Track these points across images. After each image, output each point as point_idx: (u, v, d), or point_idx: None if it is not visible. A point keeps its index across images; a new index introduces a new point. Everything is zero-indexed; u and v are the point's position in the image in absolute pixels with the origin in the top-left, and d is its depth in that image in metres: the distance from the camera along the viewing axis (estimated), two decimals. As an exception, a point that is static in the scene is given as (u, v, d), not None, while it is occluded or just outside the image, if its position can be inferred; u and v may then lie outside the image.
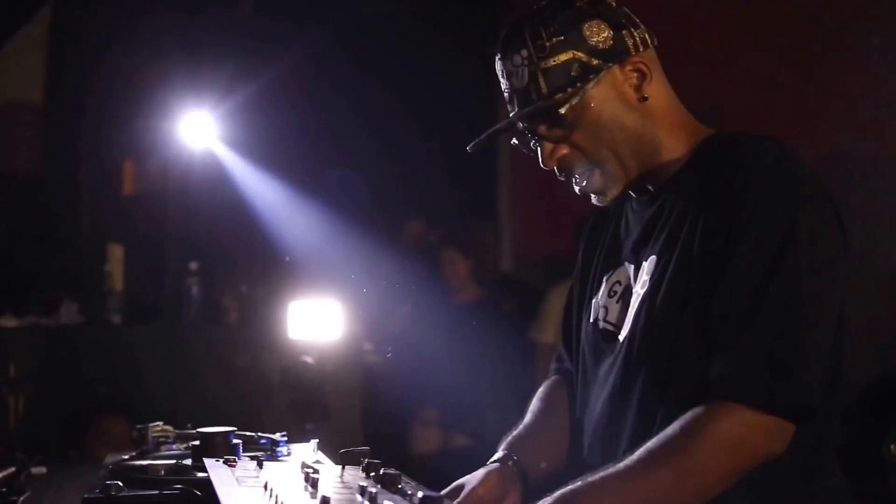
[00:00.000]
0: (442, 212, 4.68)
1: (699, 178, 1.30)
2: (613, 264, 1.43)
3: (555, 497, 1.19)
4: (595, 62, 1.32)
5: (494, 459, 1.44)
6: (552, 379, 1.60)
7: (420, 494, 1.17)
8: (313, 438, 1.55)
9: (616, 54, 1.32)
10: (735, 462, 1.18)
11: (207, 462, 1.40)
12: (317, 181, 4.27)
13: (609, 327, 1.40)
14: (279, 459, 1.48)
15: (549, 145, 1.37)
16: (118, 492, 1.36)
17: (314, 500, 1.18)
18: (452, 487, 1.40)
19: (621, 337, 1.36)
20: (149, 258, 4.47)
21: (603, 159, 1.35)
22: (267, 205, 4.23)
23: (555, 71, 1.32)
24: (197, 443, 1.49)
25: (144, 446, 1.67)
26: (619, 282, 1.40)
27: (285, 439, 1.53)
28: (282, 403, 3.80)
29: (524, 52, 1.33)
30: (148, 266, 4.45)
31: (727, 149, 1.30)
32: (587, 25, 1.32)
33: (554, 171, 1.40)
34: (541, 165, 1.39)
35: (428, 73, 4.72)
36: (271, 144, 4.34)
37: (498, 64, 1.38)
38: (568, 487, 1.20)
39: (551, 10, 1.34)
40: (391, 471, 1.26)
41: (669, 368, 1.26)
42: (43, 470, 1.79)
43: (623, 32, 1.33)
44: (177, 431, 1.72)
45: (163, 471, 1.45)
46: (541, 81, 1.32)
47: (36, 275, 4.29)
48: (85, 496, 1.35)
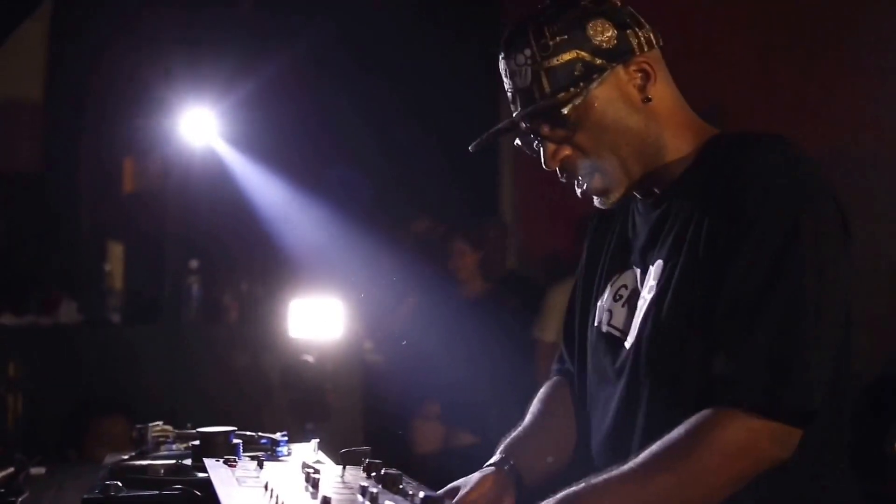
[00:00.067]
0: (444, 210, 4.66)
1: (704, 180, 1.29)
2: (619, 267, 1.42)
3: (557, 499, 1.19)
4: (599, 62, 1.30)
5: (491, 463, 1.43)
6: (553, 380, 1.60)
7: (421, 495, 1.17)
8: (314, 438, 1.55)
9: (620, 54, 1.31)
10: (739, 467, 1.17)
11: (207, 462, 1.40)
12: (318, 179, 4.26)
13: (614, 332, 1.39)
14: (279, 459, 1.47)
15: (552, 146, 1.36)
16: (118, 492, 1.35)
17: (315, 501, 1.18)
18: (447, 490, 1.39)
19: (627, 343, 1.35)
20: (149, 256, 4.47)
21: (605, 161, 1.34)
22: (268, 203, 4.21)
23: (558, 70, 1.30)
24: (197, 443, 1.49)
25: (144, 446, 1.66)
26: (626, 285, 1.39)
27: (286, 439, 1.53)
28: (282, 403, 3.80)
29: (527, 52, 1.31)
30: (148, 264, 4.44)
31: (731, 149, 1.29)
32: (591, 25, 1.30)
33: (556, 172, 1.39)
34: (543, 166, 1.38)
35: (430, 71, 4.71)
36: (272, 142, 4.32)
37: (501, 63, 1.37)
38: (570, 489, 1.19)
39: (555, 9, 1.32)
40: (392, 471, 1.26)
41: (677, 375, 1.25)
42: (42, 470, 1.79)
43: (627, 32, 1.32)
44: (176, 431, 1.72)
45: (162, 471, 1.44)
46: (544, 81, 1.31)
47: (35, 273, 4.28)
48: (84, 497, 1.35)
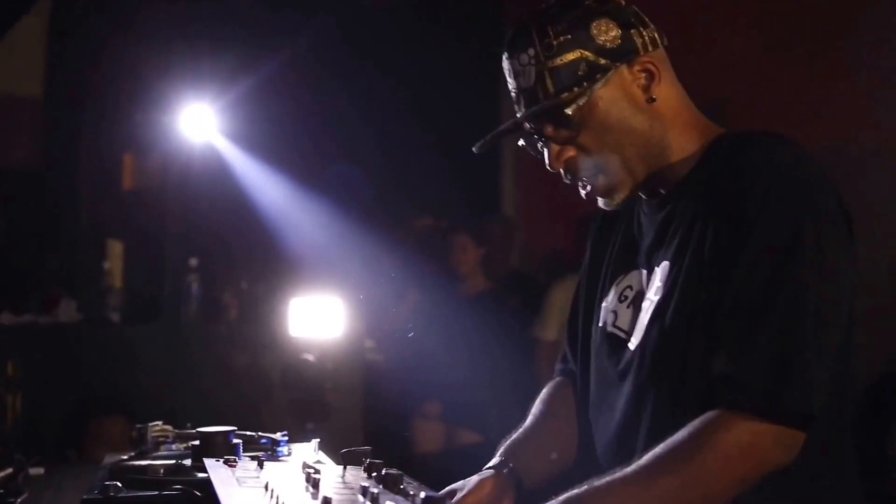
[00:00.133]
0: (444, 208, 4.66)
1: (709, 181, 1.28)
2: (624, 268, 1.41)
3: (559, 501, 1.18)
4: (603, 62, 1.29)
5: (490, 466, 1.42)
6: (556, 380, 1.59)
7: (422, 495, 1.17)
8: (314, 438, 1.54)
9: (624, 54, 1.30)
10: (742, 470, 1.17)
11: (207, 462, 1.40)
12: (318, 177, 4.25)
13: (619, 333, 1.38)
14: (280, 459, 1.48)
15: (556, 147, 1.35)
16: (117, 493, 1.35)
17: (315, 501, 1.18)
18: (446, 492, 1.38)
19: (632, 345, 1.34)
20: (148, 254, 4.45)
21: (609, 162, 1.33)
22: (268, 200, 4.20)
23: (562, 70, 1.29)
24: (197, 443, 1.49)
25: (144, 446, 1.66)
26: (631, 286, 1.38)
27: (286, 439, 1.52)
28: (282, 402, 3.79)
29: (531, 51, 1.31)
30: (147, 263, 4.43)
31: (735, 149, 1.28)
32: (595, 24, 1.29)
33: (560, 173, 1.38)
34: (547, 167, 1.37)
35: (430, 68, 4.70)
36: (272, 139, 4.31)
37: (505, 63, 1.36)
38: (573, 492, 1.19)
39: (559, 9, 1.31)
40: (393, 471, 1.26)
41: (682, 377, 1.24)
42: (41, 471, 1.79)
43: (632, 31, 1.31)
44: (176, 431, 1.71)
45: (162, 471, 1.44)
46: (547, 81, 1.30)
47: (34, 272, 4.27)
48: (84, 497, 1.34)
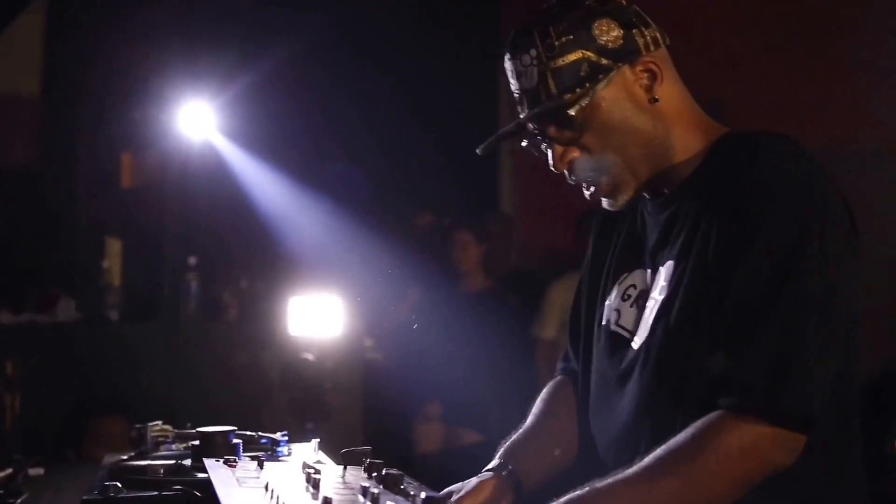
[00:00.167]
0: (443, 206, 4.65)
1: (714, 181, 1.28)
2: (628, 267, 1.41)
3: (561, 502, 1.18)
4: (605, 62, 1.29)
5: (489, 468, 1.42)
6: (557, 379, 1.58)
7: (423, 495, 1.16)
8: (314, 438, 1.54)
9: (626, 54, 1.30)
10: (743, 472, 1.17)
11: (207, 462, 1.39)
12: (317, 175, 4.24)
13: (622, 332, 1.38)
14: (280, 459, 1.47)
15: (560, 148, 1.34)
16: (117, 493, 1.35)
17: (316, 501, 1.18)
18: (446, 493, 1.38)
19: (636, 344, 1.34)
20: (147, 253, 4.44)
21: (613, 162, 1.33)
22: (267, 198, 4.19)
23: (564, 71, 1.29)
24: (197, 443, 1.48)
25: (143, 446, 1.65)
26: (634, 285, 1.38)
27: (286, 439, 1.52)
28: (282, 402, 3.78)
29: (533, 52, 1.30)
30: (146, 261, 4.42)
31: (739, 149, 1.27)
32: (597, 24, 1.29)
33: (564, 174, 1.37)
34: (551, 168, 1.37)
35: (429, 67, 4.70)
36: (271, 136, 4.30)
37: (507, 64, 1.35)
38: (575, 493, 1.19)
39: (560, 9, 1.31)
40: (393, 471, 1.26)
41: (686, 377, 1.24)
42: (40, 471, 1.78)
43: (633, 31, 1.30)
44: (176, 431, 1.71)
45: (162, 471, 1.43)
46: (550, 82, 1.30)
47: (33, 271, 4.26)
48: (84, 498, 1.34)
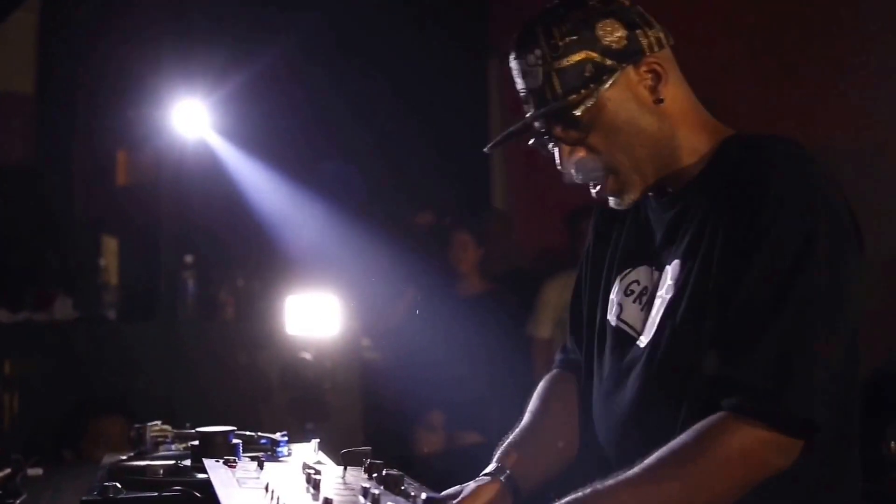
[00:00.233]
0: (436, 204, 4.65)
1: (720, 182, 1.28)
2: (631, 263, 1.41)
3: (562, 503, 1.18)
4: (609, 62, 1.29)
5: (487, 472, 1.41)
6: (553, 373, 1.58)
7: (423, 496, 1.16)
8: (314, 438, 1.54)
9: (630, 55, 1.30)
10: (743, 474, 1.17)
11: (207, 463, 1.39)
12: (312, 173, 4.24)
13: (625, 327, 1.38)
14: (280, 460, 1.47)
15: (567, 148, 1.35)
16: (116, 494, 1.34)
17: (316, 502, 1.17)
18: (444, 495, 1.37)
19: (641, 342, 1.34)
20: (143, 251, 4.43)
21: (619, 162, 1.33)
22: (262, 196, 4.19)
23: (568, 71, 1.29)
24: (196, 443, 1.48)
25: (142, 446, 1.64)
26: (638, 281, 1.39)
27: (286, 439, 1.52)
28: (281, 402, 3.77)
29: (538, 52, 1.31)
30: (142, 259, 4.41)
31: (750, 153, 1.28)
32: (600, 25, 1.29)
33: (557, 169, 1.38)
34: (558, 168, 1.37)
35: (421, 64, 4.69)
36: (265, 134, 4.30)
37: (513, 63, 1.36)
38: (576, 494, 1.19)
39: (563, 9, 1.31)
40: (394, 471, 1.25)
41: (690, 376, 1.24)
42: (39, 471, 1.77)
43: (637, 32, 1.31)
44: (175, 431, 1.70)
45: (162, 472, 1.43)
46: (555, 82, 1.30)
47: (30, 269, 4.25)
48: (83, 498, 1.33)
